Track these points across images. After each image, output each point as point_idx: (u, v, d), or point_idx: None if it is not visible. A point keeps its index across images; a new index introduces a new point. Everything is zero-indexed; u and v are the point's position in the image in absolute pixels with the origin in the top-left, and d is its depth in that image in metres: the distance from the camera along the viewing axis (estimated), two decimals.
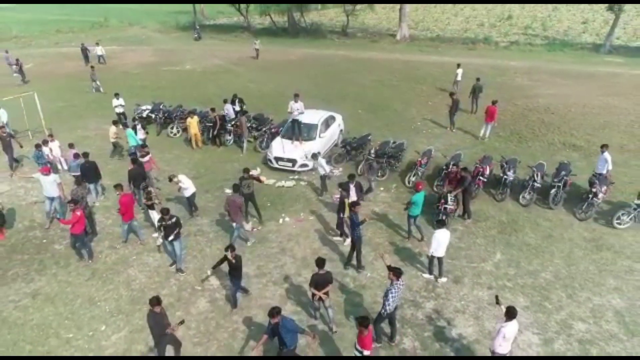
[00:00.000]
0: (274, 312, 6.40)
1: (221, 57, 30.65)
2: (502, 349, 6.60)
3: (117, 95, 17.44)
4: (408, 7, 40.23)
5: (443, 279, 9.34)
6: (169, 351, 7.32)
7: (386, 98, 21.45)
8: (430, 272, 9.46)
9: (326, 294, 7.72)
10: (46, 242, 10.77)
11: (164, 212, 9.10)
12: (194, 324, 8.30)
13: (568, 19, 46.33)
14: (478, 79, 18.90)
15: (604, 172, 11.91)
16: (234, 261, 8.10)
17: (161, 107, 17.73)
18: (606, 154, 11.98)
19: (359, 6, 39.90)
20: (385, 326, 7.88)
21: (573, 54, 31.43)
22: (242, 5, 41.63)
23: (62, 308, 8.75)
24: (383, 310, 7.35)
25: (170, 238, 9.20)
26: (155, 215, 10.39)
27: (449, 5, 56.51)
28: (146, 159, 12.21)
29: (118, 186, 10.34)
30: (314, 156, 12.60)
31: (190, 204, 11.50)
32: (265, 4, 38.56)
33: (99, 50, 28.17)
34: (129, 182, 11.58)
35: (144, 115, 17.55)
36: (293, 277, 9.46)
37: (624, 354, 7.67)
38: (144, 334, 8.05)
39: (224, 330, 8.21)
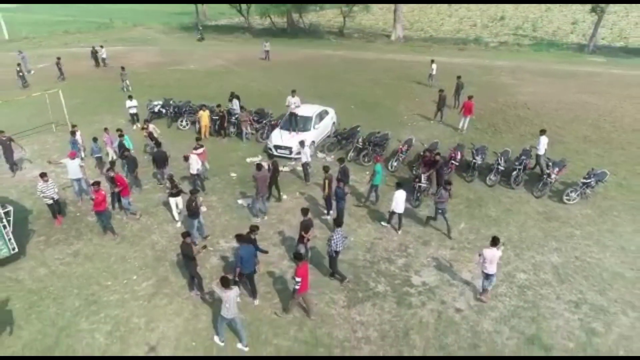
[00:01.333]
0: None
1: (223, 58, 32.77)
2: (489, 269, 8.96)
3: (130, 97, 19.14)
4: (404, 8, 42.41)
5: (400, 232, 11.78)
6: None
7: (377, 95, 23.54)
8: (388, 222, 12.07)
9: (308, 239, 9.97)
10: (79, 215, 12.85)
11: (193, 192, 11.16)
12: (207, 274, 10.34)
13: (559, 20, 48.40)
14: (459, 77, 20.97)
15: (542, 152, 14.09)
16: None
17: (171, 102, 19.83)
18: (543, 137, 14.20)
19: (355, 7, 42.06)
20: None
21: (558, 54, 33.52)
22: (243, 7, 43.75)
23: (99, 264, 10.82)
24: (329, 249, 9.72)
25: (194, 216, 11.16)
26: (175, 203, 12.20)
27: (444, 7, 58.62)
28: (200, 151, 13.87)
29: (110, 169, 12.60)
30: (301, 143, 14.59)
31: (200, 180, 13.54)
32: (265, 4, 40.38)
33: (103, 53, 30.03)
34: (153, 163, 13.72)
35: (156, 110, 19.67)
36: (288, 241, 11.52)
37: (553, 297, 9.73)
38: (168, 282, 10.15)
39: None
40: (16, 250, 10.63)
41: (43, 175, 11.81)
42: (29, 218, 12.66)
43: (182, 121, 19.12)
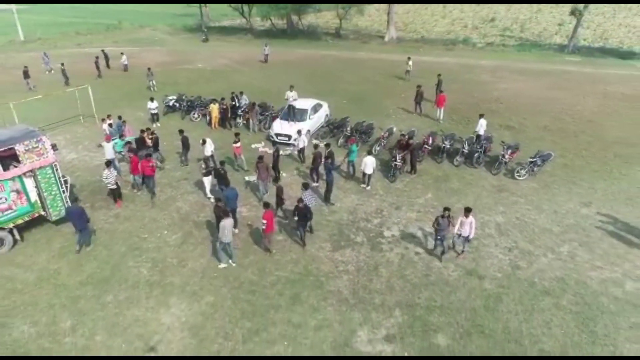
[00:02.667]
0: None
1: (227, 58, 35.80)
2: (463, 232, 11.56)
3: (152, 99, 21.61)
4: (398, 8, 45.35)
5: (368, 187, 15.26)
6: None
7: (368, 91, 26.54)
8: (364, 182, 15.37)
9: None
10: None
11: (222, 163, 14.23)
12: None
13: (547, 21, 51.29)
14: (439, 75, 23.93)
15: (482, 133, 17.43)
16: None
17: (184, 97, 22.83)
18: (482, 120, 17.72)
19: (352, 9, 45.00)
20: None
21: (539, 54, 36.50)
22: (245, 9, 46.77)
23: (136, 223, 13.78)
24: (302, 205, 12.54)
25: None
26: (208, 182, 14.95)
27: (439, 8, 61.63)
28: (238, 144, 16.53)
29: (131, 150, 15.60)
30: (298, 132, 17.50)
31: (213, 161, 16.46)
32: (267, 3, 42.92)
33: (125, 60, 32.01)
34: (182, 146, 16.77)
35: (171, 104, 22.66)
36: (287, 208, 14.45)
37: (492, 245, 12.65)
38: (192, 235, 13.10)
39: (241, 232, 13.20)
40: None
41: (108, 164, 14.34)
42: (73, 190, 15.61)
43: (194, 114, 22.10)
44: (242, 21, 50.60)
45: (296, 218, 12.20)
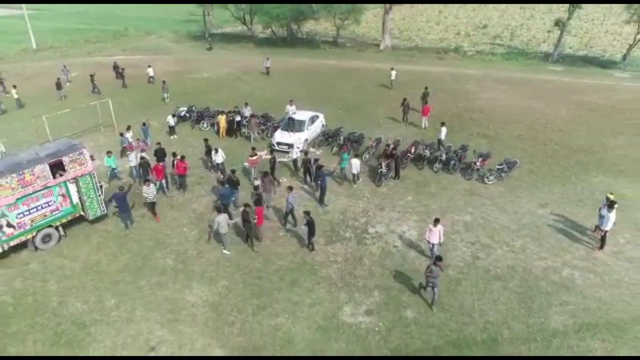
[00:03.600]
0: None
1: (231, 66, 38.47)
2: (433, 239, 13.71)
3: (173, 115, 24.16)
4: (394, 14, 47.85)
5: (355, 185, 18.20)
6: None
7: (361, 101, 29.20)
8: (352, 181, 18.09)
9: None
10: (139, 192, 18.44)
11: (233, 171, 16.99)
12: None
13: (537, 28, 53.73)
14: (426, 88, 26.55)
15: (442, 137, 20.68)
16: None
17: (194, 108, 25.53)
18: (443, 128, 20.95)
19: (349, 18, 47.52)
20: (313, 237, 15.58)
21: (525, 63, 39.11)
22: (247, 18, 49.41)
23: (160, 222, 16.44)
24: (287, 208, 15.24)
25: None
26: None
27: (434, 14, 64.19)
28: (255, 158, 18.97)
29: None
30: (290, 146, 20.10)
31: (222, 169, 19.07)
32: (268, 3, 44.53)
33: (150, 72, 33.94)
34: (207, 152, 19.64)
35: (182, 114, 25.34)
36: (281, 205, 17.09)
37: (458, 240, 15.30)
38: (207, 232, 15.74)
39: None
40: (105, 212, 16.29)
41: (147, 181, 16.60)
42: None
43: (203, 123, 24.78)
44: (243, 28, 53.16)
45: (304, 227, 14.55)
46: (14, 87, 28.72)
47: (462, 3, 64.78)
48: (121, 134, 21.24)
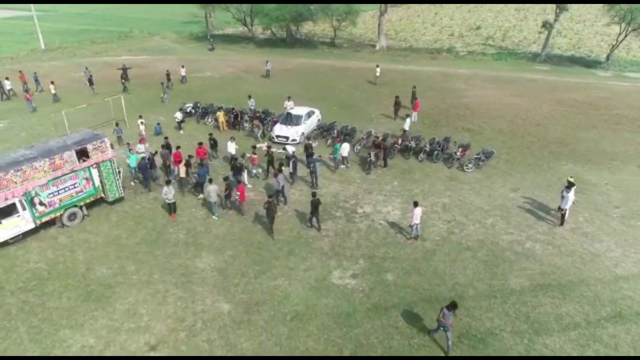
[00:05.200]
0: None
1: (233, 66, 40.65)
2: (415, 220, 15.77)
3: (180, 109, 26.50)
4: (391, 15, 49.95)
5: (348, 165, 20.50)
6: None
7: (355, 98, 31.36)
8: (344, 164, 20.43)
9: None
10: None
11: (235, 159, 19.09)
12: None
13: (529, 29, 55.90)
14: (414, 87, 28.67)
15: (407, 128, 22.85)
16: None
17: (199, 105, 27.70)
18: (407, 119, 23.53)
19: (346, 20, 49.74)
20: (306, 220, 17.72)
21: (513, 63, 41.28)
22: (247, 20, 51.61)
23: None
24: (277, 185, 17.54)
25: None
26: (245, 175, 19.71)
27: (430, 15, 66.37)
28: (254, 156, 20.87)
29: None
30: (284, 148, 22.20)
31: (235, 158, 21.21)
32: (269, 3, 46.65)
33: (183, 71, 35.72)
34: (213, 145, 21.70)
35: (188, 110, 27.50)
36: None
37: (436, 219, 17.41)
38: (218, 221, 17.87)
39: (251, 210, 17.98)
40: (122, 195, 18.43)
41: (168, 182, 17.99)
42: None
43: (208, 119, 26.93)
44: (244, 29, 55.38)
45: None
46: (52, 82, 31.12)
47: (455, 3, 66.96)
48: (117, 124, 23.79)
